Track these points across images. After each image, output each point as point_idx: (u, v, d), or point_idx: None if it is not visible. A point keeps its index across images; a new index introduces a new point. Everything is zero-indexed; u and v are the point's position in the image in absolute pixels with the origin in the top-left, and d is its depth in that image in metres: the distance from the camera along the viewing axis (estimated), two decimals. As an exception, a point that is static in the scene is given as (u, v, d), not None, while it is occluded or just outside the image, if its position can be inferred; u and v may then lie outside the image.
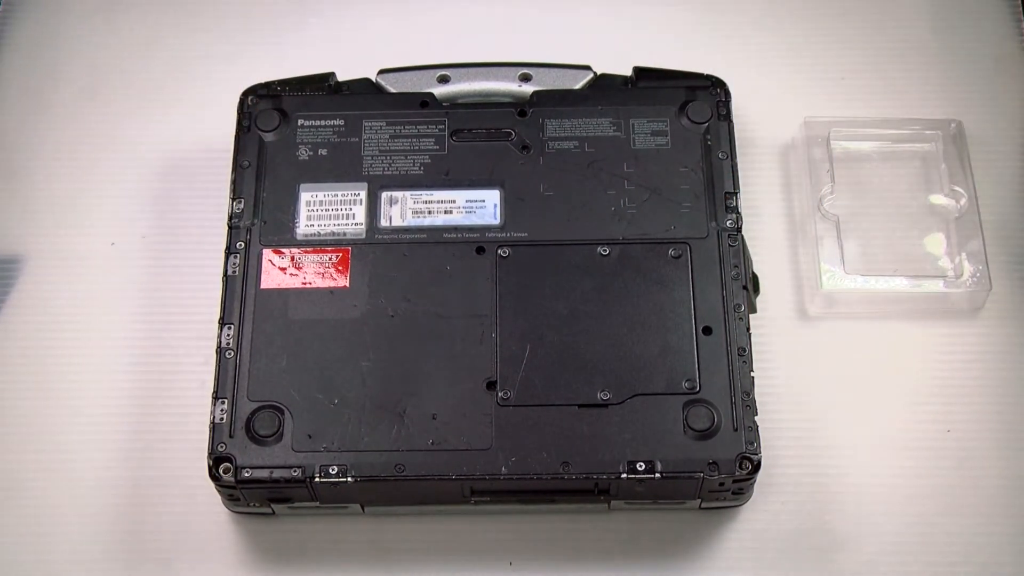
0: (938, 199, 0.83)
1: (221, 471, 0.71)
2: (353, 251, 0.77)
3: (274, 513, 0.75)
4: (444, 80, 0.83)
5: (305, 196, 0.78)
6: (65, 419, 0.78)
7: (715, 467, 0.71)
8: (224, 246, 0.77)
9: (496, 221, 0.78)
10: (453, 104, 0.82)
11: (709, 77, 0.82)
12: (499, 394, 0.72)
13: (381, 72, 0.83)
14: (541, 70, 0.83)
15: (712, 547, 0.75)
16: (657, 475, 0.70)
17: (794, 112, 0.85)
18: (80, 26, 0.91)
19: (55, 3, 0.92)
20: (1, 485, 0.77)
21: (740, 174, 0.79)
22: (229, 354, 0.74)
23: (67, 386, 0.79)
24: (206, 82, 0.89)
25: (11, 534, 0.76)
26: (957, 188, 0.82)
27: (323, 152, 0.80)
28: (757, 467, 0.71)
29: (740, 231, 0.77)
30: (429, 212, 0.78)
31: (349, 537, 0.75)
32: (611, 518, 0.75)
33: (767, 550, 0.75)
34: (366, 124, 0.80)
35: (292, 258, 0.77)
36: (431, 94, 0.82)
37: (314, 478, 0.71)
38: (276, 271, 0.76)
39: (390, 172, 0.79)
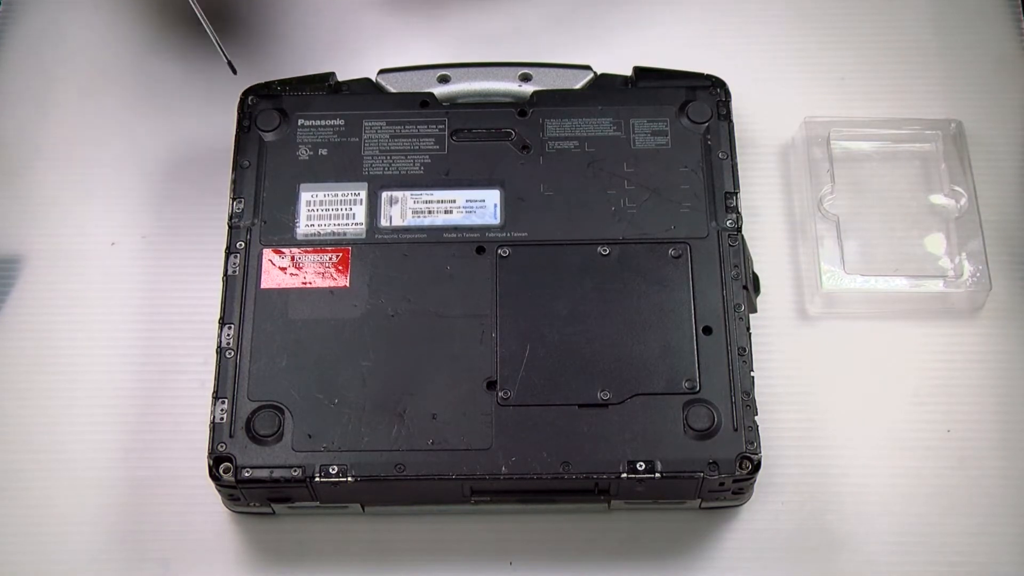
0: (938, 199, 0.83)
1: (221, 471, 0.71)
2: (353, 251, 0.77)
3: (274, 513, 0.75)
4: (444, 80, 0.83)
5: (305, 196, 0.78)
6: (65, 419, 0.78)
7: (715, 467, 0.71)
8: (224, 246, 0.77)
9: (496, 221, 0.78)
10: (453, 104, 0.82)
11: (709, 77, 0.82)
12: (499, 394, 0.72)
13: (381, 72, 0.83)
14: (541, 70, 0.83)
15: (712, 547, 0.75)
16: (657, 475, 0.70)
17: (794, 112, 0.85)
18: (80, 26, 0.91)
19: (55, 3, 0.92)
20: (1, 485, 0.77)
21: (740, 174, 0.79)
22: (229, 354, 0.74)
23: (67, 386, 0.79)
24: (206, 82, 0.88)
25: (11, 534, 0.76)
26: (957, 188, 0.82)
27: (323, 152, 0.80)
28: (757, 467, 0.71)
29: (740, 231, 0.77)
30: (429, 212, 0.78)
31: (349, 537, 0.75)
32: (611, 518, 0.75)
33: (767, 550, 0.75)
34: (366, 124, 0.81)
35: (292, 258, 0.77)
36: (431, 94, 0.82)
37: (314, 478, 0.71)
38: (276, 271, 0.76)
39: (390, 172, 0.79)
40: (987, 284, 0.79)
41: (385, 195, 0.78)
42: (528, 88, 0.82)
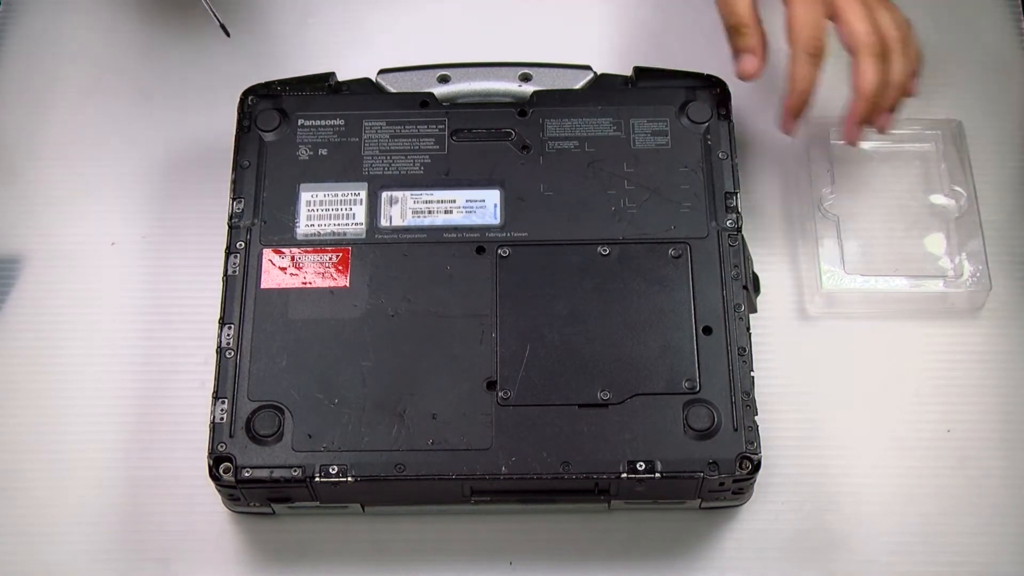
0: (938, 199, 0.83)
1: (221, 471, 0.71)
2: (353, 251, 0.77)
3: (274, 513, 0.75)
4: (444, 80, 0.83)
5: (305, 196, 0.78)
6: (65, 419, 0.78)
7: (715, 467, 0.71)
8: (224, 246, 0.77)
9: (496, 221, 0.78)
10: (453, 104, 0.82)
11: (709, 77, 0.82)
12: (499, 394, 0.72)
13: (381, 72, 0.83)
14: (541, 70, 0.83)
15: (712, 547, 0.75)
16: (657, 475, 0.70)
17: (794, 112, 0.85)
18: (80, 26, 0.91)
19: (55, 3, 0.92)
20: (1, 485, 0.77)
21: (740, 174, 0.79)
22: (229, 354, 0.74)
23: (67, 386, 0.79)
24: (206, 82, 0.89)
25: (11, 534, 0.76)
26: (957, 188, 0.82)
27: (323, 152, 0.80)
28: (757, 467, 0.71)
29: (740, 231, 0.77)
30: (429, 212, 0.78)
31: (349, 537, 0.75)
32: (611, 518, 0.75)
33: (767, 550, 0.75)
34: (366, 124, 0.81)
35: (292, 258, 0.77)
36: (431, 94, 0.82)
37: (314, 478, 0.71)
38: (276, 271, 0.76)
39: (390, 172, 0.79)
40: (987, 284, 0.79)
41: (385, 195, 0.78)
42: (528, 88, 0.82)
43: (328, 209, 0.78)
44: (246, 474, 0.71)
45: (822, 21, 0.75)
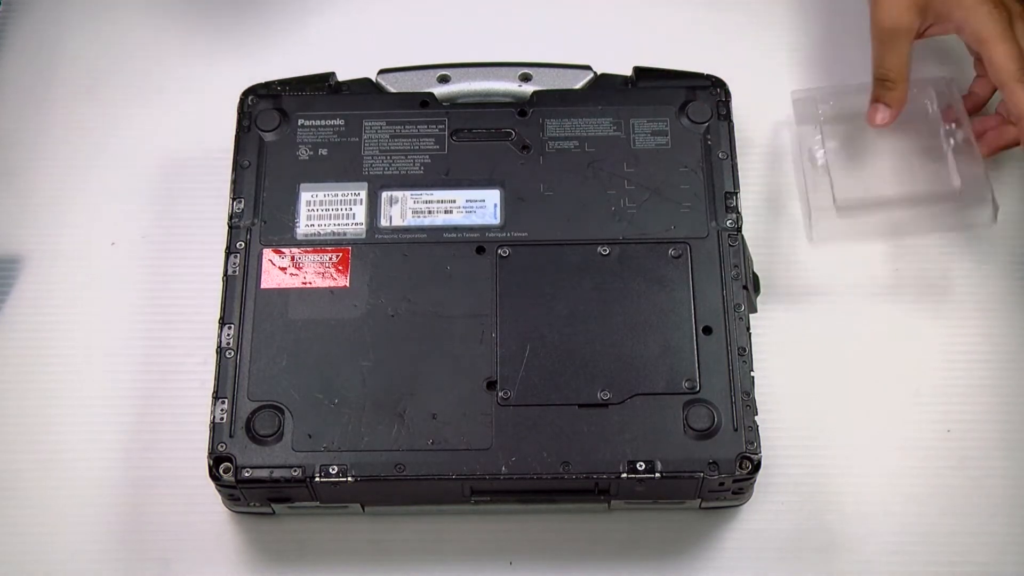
0: (935, 140, 0.82)
1: (221, 471, 0.71)
2: (353, 251, 0.77)
3: (274, 513, 0.75)
4: (444, 80, 0.83)
5: (305, 196, 0.78)
6: (65, 419, 0.78)
7: (715, 467, 0.71)
8: (224, 246, 0.77)
9: (496, 221, 0.78)
10: (453, 104, 0.82)
11: (709, 77, 0.82)
12: (499, 394, 0.72)
13: (381, 72, 0.83)
14: (541, 70, 0.83)
15: (712, 547, 0.75)
16: (657, 475, 0.70)
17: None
18: (80, 26, 0.91)
19: (55, 3, 0.92)
20: (1, 485, 0.77)
21: (740, 174, 0.79)
22: (229, 354, 0.74)
23: (67, 386, 0.79)
24: (206, 82, 0.89)
25: (11, 534, 0.76)
26: (953, 126, 0.82)
27: (323, 152, 0.80)
28: (757, 467, 0.71)
29: (740, 231, 0.77)
30: (429, 212, 0.78)
31: (349, 537, 0.75)
32: (611, 518, 0.75)
33: (767, 550, 0.75)
34: (366, 124, 0.81)
35: (292, 258, 0.77)
36: (431, 94, 0.82)
37: (314, 478, 0.71)
38: (276, 271, 0.76)
39: (390, 172, 0.79)
40: (991, 202, 0.78)
41: (385, 195, 0.78)
42: (528, 88, 0.82)
43: (328, 209, 0.78)
44: (246, 474, 0.71)
45: (1021, 49, 0.78)
